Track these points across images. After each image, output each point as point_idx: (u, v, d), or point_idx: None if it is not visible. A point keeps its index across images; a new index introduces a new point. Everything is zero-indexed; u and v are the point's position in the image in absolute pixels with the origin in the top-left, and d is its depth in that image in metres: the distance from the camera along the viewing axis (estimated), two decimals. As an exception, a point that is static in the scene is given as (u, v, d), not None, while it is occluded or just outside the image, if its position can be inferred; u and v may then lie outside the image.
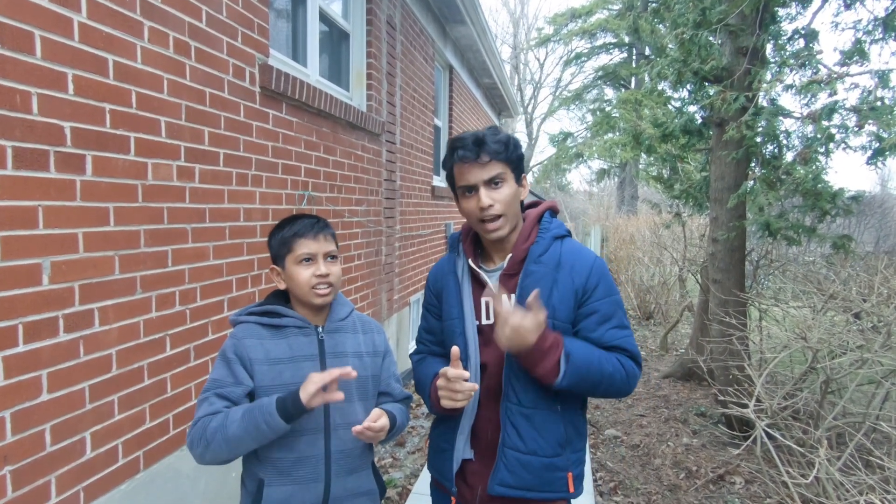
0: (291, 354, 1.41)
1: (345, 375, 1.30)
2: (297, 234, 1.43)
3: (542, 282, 1.39)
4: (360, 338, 1.53)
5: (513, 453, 1.40)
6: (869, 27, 3.74)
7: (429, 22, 5.65)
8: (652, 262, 8.98)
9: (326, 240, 1.45)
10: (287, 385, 1.37)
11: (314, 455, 1.40)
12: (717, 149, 4.36)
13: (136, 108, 1.84)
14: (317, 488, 1.40)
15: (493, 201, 1.37)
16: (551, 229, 1.47)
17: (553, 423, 1.42)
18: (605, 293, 1.42)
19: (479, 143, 1.37)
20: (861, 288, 3.63)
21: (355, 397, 1.47)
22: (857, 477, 2.24)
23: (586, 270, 1.41)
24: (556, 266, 1.41)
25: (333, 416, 1.43)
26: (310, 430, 1.41)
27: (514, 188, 1.41)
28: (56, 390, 1.58)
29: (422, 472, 3.39)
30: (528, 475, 1.40)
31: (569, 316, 1.40)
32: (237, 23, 2.41)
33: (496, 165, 1.38)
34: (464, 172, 1.40)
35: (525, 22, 29.66)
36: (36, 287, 1.51)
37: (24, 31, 1.45)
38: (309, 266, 1.43)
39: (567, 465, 1.45)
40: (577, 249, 1.46)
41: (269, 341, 1.41)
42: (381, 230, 4.35)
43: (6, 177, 1.42)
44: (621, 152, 13.10)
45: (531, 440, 1.40)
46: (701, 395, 5.11)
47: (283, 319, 1.44)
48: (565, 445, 1.44)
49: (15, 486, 1.46)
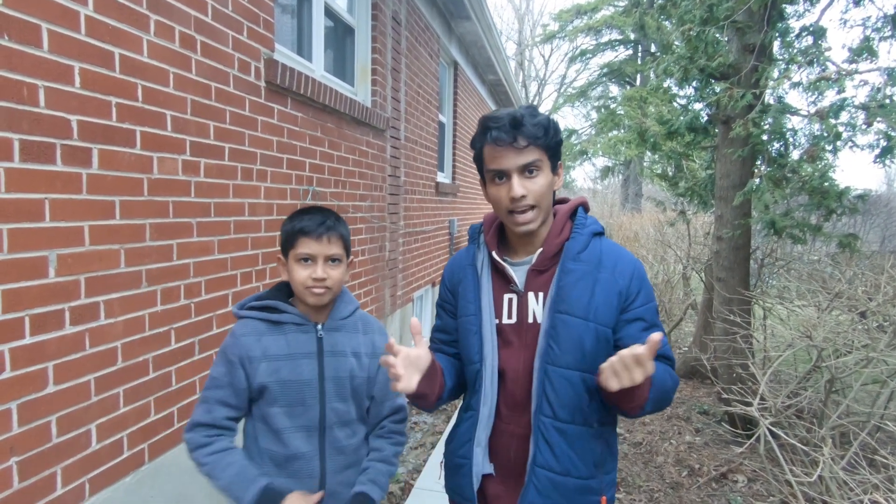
0: (289, 351, 1.41)
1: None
2: (301, 231, 1.39)
3: (583, 281, 1.27)
4: (361, 338, 1.51)
5: (545, 473, 1.27)
6: (878, 24, 3.72)
7: (434, 17, 5.64)
8: (656, 260, 8.95)
9: (331, 242, 1.39)
10: (285, 381, 1.39)
11: (308, 452, 1.41)
12: (722, 146, 4.34)
13: (142, 102, 1.85)
14: (311, 483, 1.41)
15: (526, 191, 1.23)
16: (588, 225, 1.35)
17: (589, 440, 1.30)
18: (647, 299, 1.31)
19: (516, 124, 1.22)
20: (867, 287, 3.62)
21: (350, 396, 1.47)
22: (862, 476, 2.23)
23: (629, 273, 1.30)
24: (598, 265, 1.29)
25: (329, 414, 1.43)
26: (305, 429, 1.41)
27: (549, 178, 1.28)
28: (62, 382, 1.58)
29: (424, 467, 3.40)
30: (561, 498, 1.27)
31: (611, 320, 1.28)
32: (243, 17, 2.40)
33: (533, 151, 1.24)
34: (496, 156, 1.25)
35: (530, 18, 29.62)
36: (42, 279, 1.51)
37: (31, 24, 1.45)
38: (307, 266, 1.39)
39: (601, 487, 1.32)
40: (618, 249, 1.35)
41: (268, 337, 1.41)
42: (385, 226, 4.35)
43: (13, 169, 1.42)
44: (626, 150, 13.06)
45: (566, 459, 1.27)
46: (704, 394, 5.10)
47: (283, 315, 1.42)
48: (600, 466, 1.32)
49: (21, 476, 1.47)
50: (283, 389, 1.39)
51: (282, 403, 1.40)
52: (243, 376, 1.39)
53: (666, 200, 7.99)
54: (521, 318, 1.32)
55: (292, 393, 1.40)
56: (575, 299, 1.27)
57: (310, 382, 1.41)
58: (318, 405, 1.41)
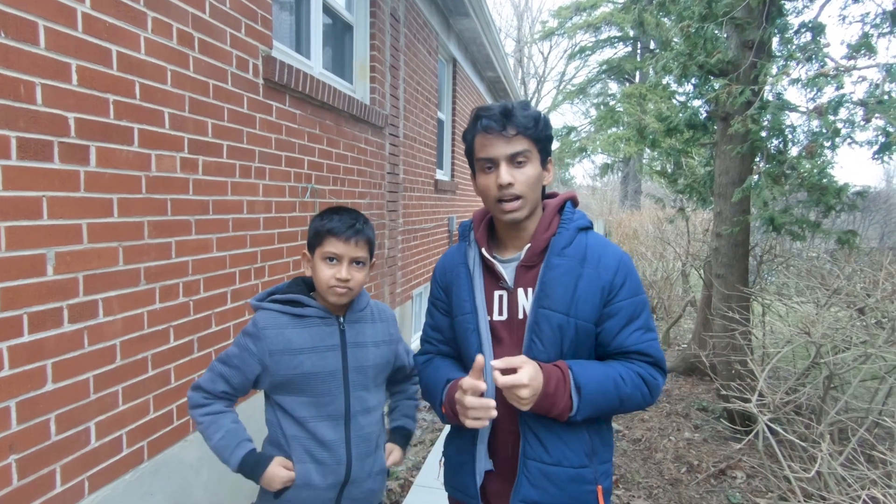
0: (313, 344, 1.45)
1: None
2: (330, 231, 1.43)
3: (567, 276, 1.28)
4: (379, 326, 1.57)
5: (536, 464, 1.28)
6: (877, 20, 3.72)
7: (432, 14, 5.63)
8: (655, 257, 8.95)
9: (358, 245, 1.44)
10: (308, 374, 1.43)
11: (335, 440, 1.46)
12: (721, 143, 4.34)
13: (139, 100, 1.84)
14: (338, 470, 1.46)
15: (513, 180, 1.25)
16: (575, 220, 1.35)
17: (578, 430, 1.30)
18: (631, 292, 1.30)
19: (506, 113, 1.25)
20: (865, 283, 3.62)
21: (371, 385, 1.53)
22: (860, 471, 2.24)
23: (613, 266, 1.29)
24: (582, 260, 1.29)
25: (353, 403, 1.48)
26: (331, 417, 1.46)
27: (538, 170, 1.29)
28: (61, 380, 1.58)
29: (423, 464, 3.40)
30: (555, 489, 1.28)
31: (593, 314, 1.28)
32: (241, 14, 2.40)
33: (522, 141, 1.25)
34: (486, 144, 1.27)
35: (529, 15, 29.58)
36: (40, 277, 1.51)
37: (28, 21, 1.45)
38: (332, 266, 1.43)
39: (595, 477, 1.32)
40: (604, 243, 1.34)
41: (291, 330, 1.44)
42: (384, 223, 4.35)
43: (11, 167, 1.42)
44: (625, 147, 13.04)
45: (556, 449, 1.28)
46: (703, 390, 5.11)
47: (306, 310, 1.46)
48: (592, 456, 1.32)
49: (20, 474, 1.47)
50: (309, 381, 1.43)
51: (308, 394, 1.44)
52: (256, 367, 1.43)
53: (665, 197, 7.99)
54: (512, 315, 1.33)
55: (318, 384, 1.44)
56: (558, 295, 1.27)
57: (335, 374, 1.46)
58: (343, 395, 1.47)
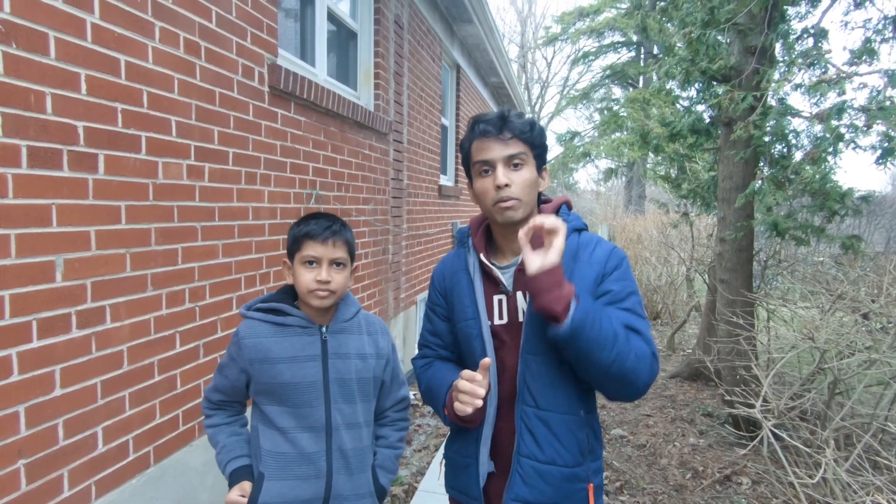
0: (293, 354, 1.43)
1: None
2: (307, 235, 1.42)
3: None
4: (365, 339, 1.53)
5: (529, 462, 1.28)
6: (879, 26, 3.72)
7: (436, 21, 5.66)
8: (659, 262, 8.94)
9: (336, 246, 1.43)
10: (286, 384, 1.41)
11: (315, 452, 1.43)
12: (725, 148, 4.34)
13: (147, 108, 1.87)
14: (318, 484, 1.43)
15: (510, 181, 1.27)
16: (569, 221, 1.36)
17: (574, 428, 1.30)
18: (622, 276, 1.31)
19: (502, 118, 1.29)
20: (870, 288, 3.61)
21: (357, 399, 1.49)
22: (865, 478, 2.23)
23: (604, 257, 1.31)
24: (574, 258, 1.31)
25: (335, 416, 1.45)
26: (312, 429, 1.43)
27: (534, 174, 1.31)
28: (69, 385, 1.60)
29: (428, 469, 3.40)
30: (548, 487, 1.28)
31: None
32: (246, 23, 2.43)
33: (518, 144, 1.29)
34: (482, 147, 1.30)
35: (533, 21, 29.66)
36: (49, 284, 1.53)
37: (38, 32, 1.48)
38: (312, 269, 1.42)
39: (587, 475, 1.33)
40: (595, 241, 1.37)
41: (270, 339, 1.43)
42: (388, 229, 4.36)
43: (21, 175, 1.44)
44: (629, 151, 13.04)
45: (549, 447, 1.28)
46: (708, 396, 5.09)
47: (287, 318, 1.45)
48: (587, 454, 1.32)
49: (29, 479, 1.48)
50: (288, 391, 1.42)
51: (288, 404, 1.43)
52: (242, 377, 1.46)
53: (669, 202, 7.98)
54: (512, 318, 1.34)
55: (297, 395, 1.42)
56: None
57: (314, 385, 1.43)
58: (324, 407, 1.44)
